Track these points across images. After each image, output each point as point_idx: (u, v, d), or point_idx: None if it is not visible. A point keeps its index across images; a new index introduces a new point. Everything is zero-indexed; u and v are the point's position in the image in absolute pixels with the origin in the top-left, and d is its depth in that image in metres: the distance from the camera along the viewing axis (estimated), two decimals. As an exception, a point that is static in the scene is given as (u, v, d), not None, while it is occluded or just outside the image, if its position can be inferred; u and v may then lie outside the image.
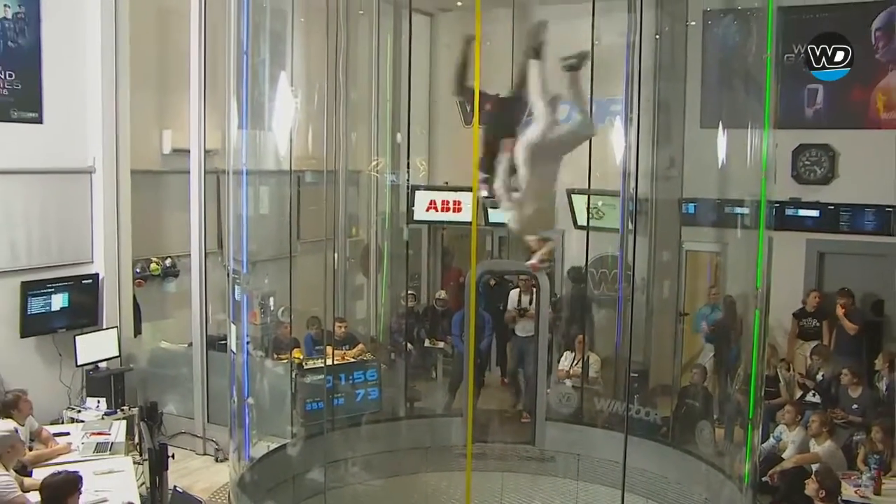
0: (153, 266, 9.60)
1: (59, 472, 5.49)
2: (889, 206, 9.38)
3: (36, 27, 8.13)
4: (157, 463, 6.64)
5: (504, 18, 9.84)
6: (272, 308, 9.31)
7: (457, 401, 9.40)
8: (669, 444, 8.14)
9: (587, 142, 8.32)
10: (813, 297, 9.54)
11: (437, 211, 10.92)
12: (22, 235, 8.15)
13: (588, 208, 9.60)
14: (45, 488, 5.33)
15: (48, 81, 8.29)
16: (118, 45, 8.74)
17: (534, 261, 6.12)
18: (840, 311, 9.22)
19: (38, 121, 8.26)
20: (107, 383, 8.43)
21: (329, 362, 8.64)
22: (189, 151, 8.79)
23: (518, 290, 9.79)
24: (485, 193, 5.89)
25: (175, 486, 6.63)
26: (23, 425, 6.66)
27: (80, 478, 5.45)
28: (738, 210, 7.89)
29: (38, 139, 8.25)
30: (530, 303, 9.43)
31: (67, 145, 8.53)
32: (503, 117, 5.99)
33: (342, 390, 8.74)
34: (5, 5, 7.84)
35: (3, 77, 7.90)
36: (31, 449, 6.62)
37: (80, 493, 5.41)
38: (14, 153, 8.05)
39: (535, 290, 9.15)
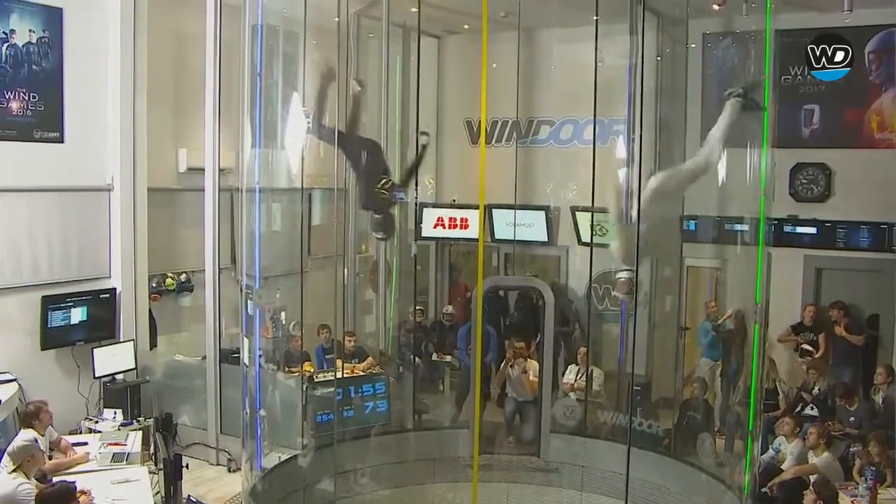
0: (168, 281, 9.75)
1: (54, 484, 5.60)
2: (884, 224, 9.47)
3: (58, 51, 8.35)
4: (172, 473, 6.72)
5: (510, 41, 10.08)
6: (284, 322, 9.40)
7: (463, 413, 9.49)
8: (671, 456, 8.19)
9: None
10: (809, 311, 9.66)
11: (444, 228, 11.09)
12: (43, 251, 8.32)
13: (591, 225, 9.74)
14: (42, 501, 5.41)
15: (69, 103, 8.50)
16: (136, 68, 8.93)
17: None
18: (840, 330, 9.31)
19: (60, 140, 8.45)
20: (123, 395, 8.54)
21: (339, 375, 8.71)
22: (204, 170, 8.93)
23: (508, 361, 9.42)
24: None
25: (189, 496, 6.77)
26: (43, 435, 6.73)
27: (75, 486, 5.55)
28: (738, 227, 7.96)
29: (60, 158, 8.44)
30: (524, 371, 9.23)
31: (87, 164, 8.72)
32: None
33: (351, 403, 8.79)
34: (30, 30, 8.08)
35: (26, 99, 8.12)
36: (50, 458, 6.72)
37: (78, 501, 5.51)
38: (36, 172, 8.25)
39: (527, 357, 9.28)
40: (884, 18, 9.32)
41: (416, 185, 10.27)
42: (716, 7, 9.12)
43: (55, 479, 6.39)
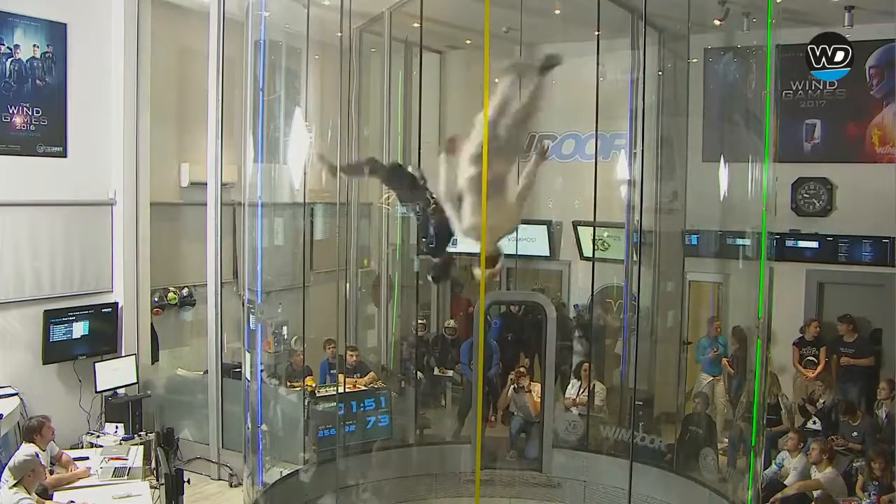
0: (171, 295, 9.74)
1: None
2: (886, 238, 9.48)
3: (62, 66, 8.37)
4: (173, 488, 6.69)
5: (511, 56, 10.09)
6: (286, 337, 9.40)
7: (465, 428, 9.46)
8: (674, 471, 8.18)
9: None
10: (813, 326, 9.63)
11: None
12: (45, 265, 8.31)
13: (593, 240, 9.75)
14: None
15: (73, 118, 8.50)
16: (140, 83, 8.94)
17: None
18: (847, 360, 9.31)
19: (63, 155, 8.45)
20: (125, 409, 8.49)
21: (341, 390, 8.71)
22: (206, 184, 8.93)
23: (512, 386, 9.36)
24: None
25: (191, 510, 6.76)
26: (44, 450, 6.72)
27: None
28: (740, 241, 8.04)
29: (63, 173, 8.44)
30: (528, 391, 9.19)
31: (90, 179, 8.71)
32: None
33: (353, 417, 8.76)
34: (34, 45, 8.11)
35: (30, 114, 8.13)
36: (51, 473, 6.71)
37: None
38: (39, 186, 8.25)
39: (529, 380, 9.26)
40: (884, 34, 9.35)
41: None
42: (717, 22, 9.17)
43: (56, 494, 6.43)
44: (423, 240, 6.31)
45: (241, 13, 8.41)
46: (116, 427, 8.37)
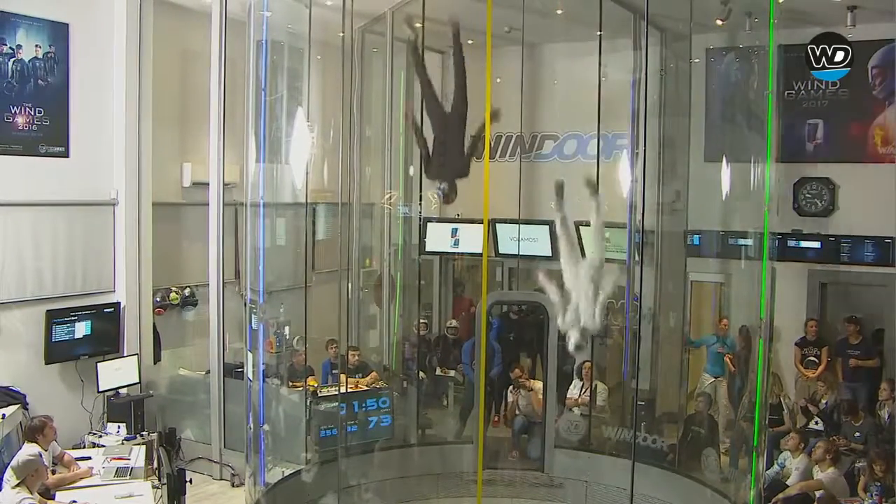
0: (173, 295, 9.74)
1: None
2: (888, 238, 9.46)
3: (64, 66, 8.38)
4: (175, 488, 6.70)
5: (514, 56, 10.12)
6: (287, 337, 9.42)
7: (467, 428, 9.44)
8: (675, 471, 8.18)
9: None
10: (810, 325, 9.63)
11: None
12: (48, 265, 8.31)
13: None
14: None
15: (75, 118, 8.51)
16: (142, 83, 8.94)
17: None
18: (854, 362, 9.28)
19: (65, 155, 8.45)
20: (127, 409, 8.50)
21: (342, 390, 8.72)
22: (208, 184, 8.94)
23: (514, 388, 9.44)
24: None
25: (193, 510, 6.76)
26: (46, 450, 6.74)
27: None
28: (742, 241, 8.03)
29: (65, 173, 8.44)
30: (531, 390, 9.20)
31: (92, 179, 8.71)
32: None
33: (355, 417, 8.76)
34: (36, 45, 8.11)
35: (32, 114, 8.13)
36: (53, 472, 6.72)
37: None
38: (41, 186, 8.25)
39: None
40: (887, 34, 9.34)
41: (420, 199, 10.30)
42: (719, 22, 9.16)
43: (58, 494, 6.44)
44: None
45: (242, 13, 8.41)
46: (118, 427, 8.38)
